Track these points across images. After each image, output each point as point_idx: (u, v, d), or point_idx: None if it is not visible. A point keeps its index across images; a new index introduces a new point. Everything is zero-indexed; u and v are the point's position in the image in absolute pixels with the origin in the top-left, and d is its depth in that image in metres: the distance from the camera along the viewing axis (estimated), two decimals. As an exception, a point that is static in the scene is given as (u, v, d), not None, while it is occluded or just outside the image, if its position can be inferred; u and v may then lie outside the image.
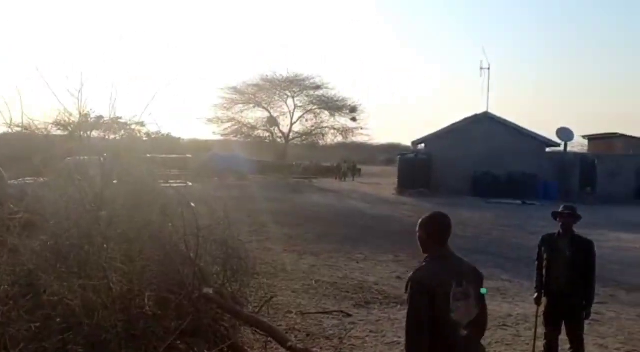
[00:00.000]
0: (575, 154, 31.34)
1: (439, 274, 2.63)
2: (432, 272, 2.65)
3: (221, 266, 5.04)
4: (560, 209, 4.78)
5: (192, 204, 6.15)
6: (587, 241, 4.68)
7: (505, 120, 29.28)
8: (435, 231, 2.80)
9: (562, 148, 30.00)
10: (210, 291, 4.38)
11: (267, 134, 44.88)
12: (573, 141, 31.67)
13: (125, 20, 68.30)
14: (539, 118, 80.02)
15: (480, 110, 29.50)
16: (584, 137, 35.58)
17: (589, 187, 28.36)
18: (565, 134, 29.65)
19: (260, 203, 18.90)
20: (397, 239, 13.03)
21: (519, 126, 29.22)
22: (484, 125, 28.89)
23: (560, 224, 4.69)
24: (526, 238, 14.37)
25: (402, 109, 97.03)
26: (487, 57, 32.08)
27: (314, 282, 7.72)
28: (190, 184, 18.25)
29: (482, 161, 27.65)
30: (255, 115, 44.28)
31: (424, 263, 2.74)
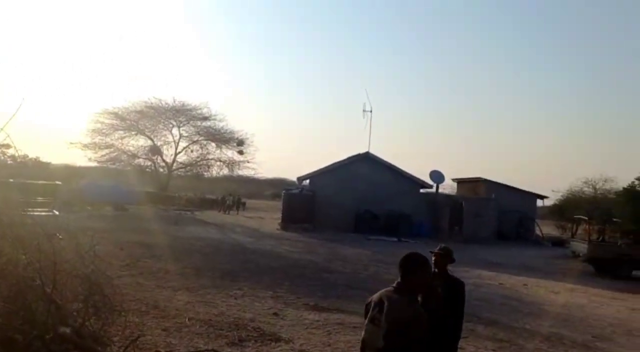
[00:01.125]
0: (446, 196, 33.81)
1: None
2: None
3: (83, 303, 4.68)
4: (436, 249, 5.02)
5: (59, 235, 5.66)
6: (459, 281, 4.95)
7: (385, 161, 30.89)
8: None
9: (434, 189, 32.28)
10: (68, 330, 4.03)
11: (149, 163, 43.02)
12: (444, 183, 34.28)
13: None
14: (414, 160, 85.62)
15: (362, 150, 30.90)
16: (453, 180, 38.59)
17: (457, 226, 30.67)
18: (437, 176, 31.99)
19: (137, 235, 17.95)
20: (278, 274, 12.98)
21: (397, 167, 30.97)
22: (366, 165, 30.28)
23: (434, 262, 4.91)
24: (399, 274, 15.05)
25: (290, 144, 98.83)
26: (369, 100, 33.80)
27: (187, 319, 7.39)
28: (58, 212, 16.88)
29: (363, 199, 28.84)
30: (137, 143, 42.32)
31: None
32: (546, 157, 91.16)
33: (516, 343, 8.08)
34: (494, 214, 30.67)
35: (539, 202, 34.83)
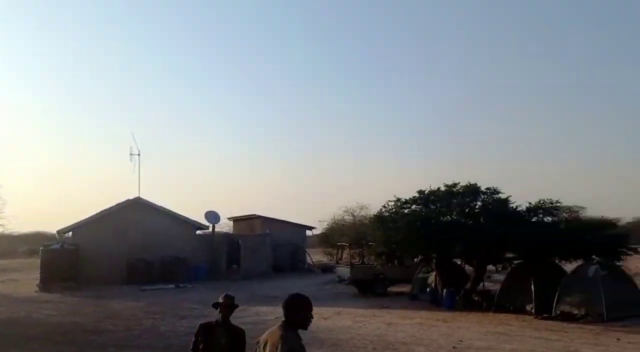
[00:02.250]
0: (223, 235, 34.07)
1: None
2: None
3: None
4: (220, 299, 4.94)
5: None
6: (239, 329, 4.95)
7: (157, 205, 29.74)
8: None
9: (210, 230, 32.25)
10: None
11: None
12: (220, 223, 34.53)
13: None
14: (189, 202, 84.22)
15: (132, 195, 29.26)
16: (229, 218, 39.20)
17: (234, 264, 31.05)
18: (212, 217, 32.07)
19: None
20: (35, 345, 11.33)
21: (170, 211, 30.07)
22: (137, 211, 28.72)
23: (221, 313, 4.87)
24: (177, 324, 14.52)
25: (48, 193, 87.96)
26: (137, 143, 32.32)
27: None
28: None
29: (136, 247, 27.16)
30: None
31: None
32: (313, 188, 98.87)
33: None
34: (269, 248, 31.95)
35: (309, 233, 37.56)
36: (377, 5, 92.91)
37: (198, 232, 31.97)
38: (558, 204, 17.79)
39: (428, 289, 19.34)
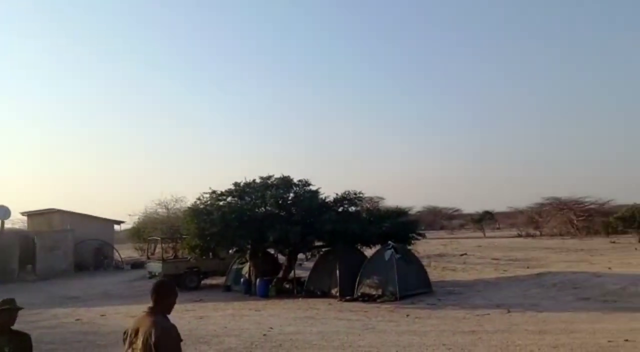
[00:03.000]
0: (15, 232, 30.08)
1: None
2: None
3: None
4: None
5: None
6: (24, 334, 4.43)
7: None
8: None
9: (-1, 227, 28.22)
10: None
11: None
12: (12, 218, 30.40)
13: None
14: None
15: None
16: (22, 214, 34.71)
17: (29, 264, 27.63)
18: (1, 212, 28.09)
19: None
20: None
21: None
22: None
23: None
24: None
25: None
26: None
27: None
28: None
29: None
30: None
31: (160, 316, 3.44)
32: (121, 181, 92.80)
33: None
34: (71, 245, 29.08)
35: (117, 227, 35.07)
36: None
37: (-19, 229, 27.74)
38: (361, 195, 19.39)
39: (242, 280, 19.52)
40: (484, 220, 58.51)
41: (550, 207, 49.93)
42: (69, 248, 28.94)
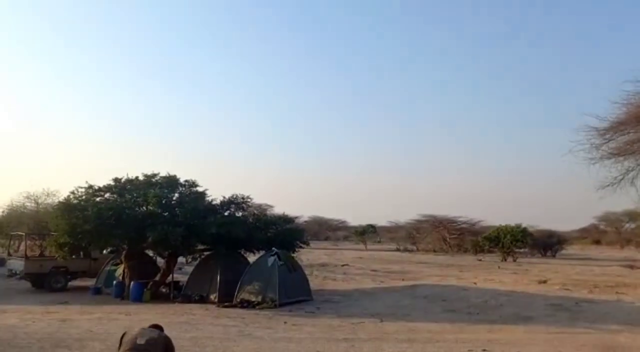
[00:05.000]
0: None
1: None
2: None
3: None
4: None
5: None
6: None
7: None
8: None
9: None
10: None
11: None
12: None
13: None
14: None
15: None
16: None
17: None
18: None
19: None
20: None
21: None
22: None
23: None
24: None
25: None
26: None
27: None
28: None
29: None
30: None
31: None
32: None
33: None
34: None
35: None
36: None
37: None
38: (249, 199, 19.19)
39: (115, 282, 18.38)
40: (367, 233, 60.75)
41: (427, 224, 53.10)
42: None
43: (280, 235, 18.34)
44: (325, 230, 71.11)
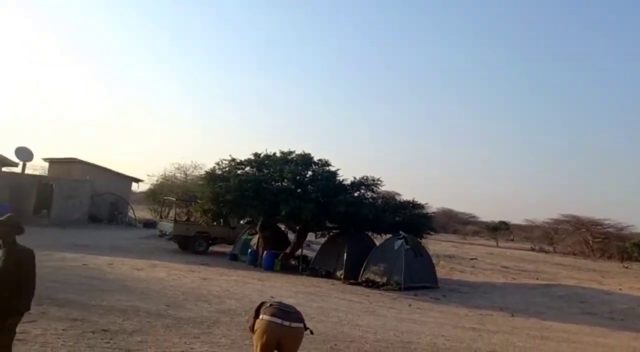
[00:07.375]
0: (34, 176, 30.60)
1: None
2: None
3: None
4: (4, 218, 4.51)
5: None
6: (26, 249, 4.54)
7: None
8: None
9: (20, 168, 28.75)
10: None
11: None
12: (33, 162, 30.93)
13: None
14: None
15: None
16: (44, 159, 35.25)
17: (44, 209, 28.13)
18: (23, 154, 28.58)
19: None
20: None
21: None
22: None
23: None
24: None
25: None
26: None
27: None
28: None
29: None
30: None
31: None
32: (144, 140, 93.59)
33: (90, 320, 7.83)
34: (87, 196, 29.50)
35: (135, 187, 35.40)
36: None
37: (4, 169, 28.31)
38: (379, 182, 19.21)
39: (250, 251, 19.59)
40: (499, 230, 57.85)
41: (567, 224, 49.09)
42: (85, 198, 29.35)
43: (408, 219, 18.13)
44: (454, 223, 68.94)
